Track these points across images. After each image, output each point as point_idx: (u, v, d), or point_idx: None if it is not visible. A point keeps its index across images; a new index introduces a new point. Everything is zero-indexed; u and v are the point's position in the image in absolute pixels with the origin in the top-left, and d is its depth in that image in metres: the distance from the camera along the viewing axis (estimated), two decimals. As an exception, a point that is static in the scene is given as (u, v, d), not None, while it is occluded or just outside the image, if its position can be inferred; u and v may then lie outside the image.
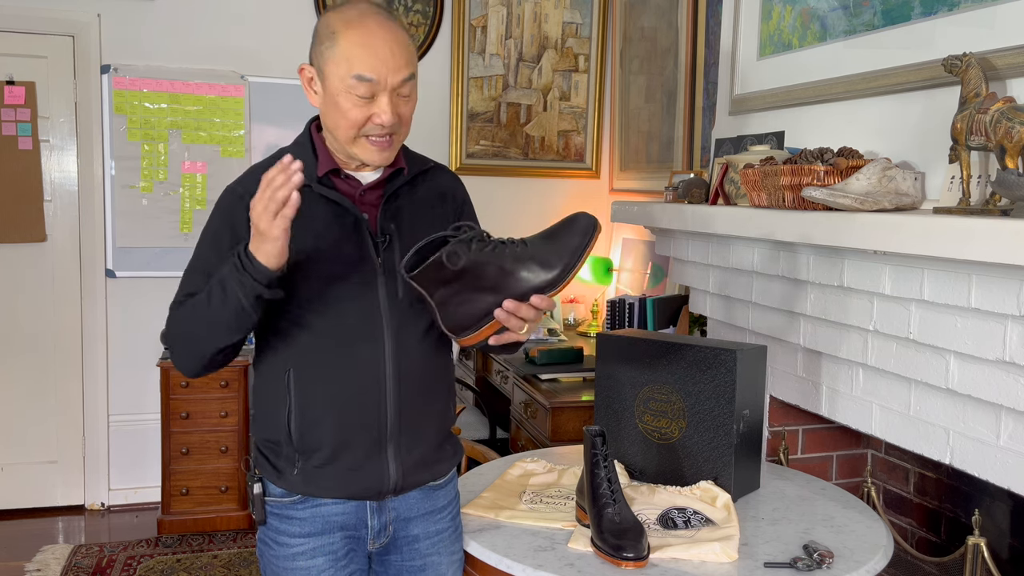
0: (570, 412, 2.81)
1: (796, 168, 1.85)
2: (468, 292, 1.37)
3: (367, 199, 1.51)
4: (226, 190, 1.52)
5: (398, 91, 1.43)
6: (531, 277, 1.36)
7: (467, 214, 1.66)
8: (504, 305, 1.37)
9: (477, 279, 1.37)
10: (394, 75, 1.41)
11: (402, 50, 1.41)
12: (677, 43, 3.72)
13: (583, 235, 1.36)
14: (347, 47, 1.39)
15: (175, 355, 1.50)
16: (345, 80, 1.40)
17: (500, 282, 1.36)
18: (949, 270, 1.61)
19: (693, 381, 1.86)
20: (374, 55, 1.39)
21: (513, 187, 4.47)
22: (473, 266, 1.36)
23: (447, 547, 1.61)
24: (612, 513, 1.57)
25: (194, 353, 1.46)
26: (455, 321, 1.40)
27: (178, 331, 1.47)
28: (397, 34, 1.42)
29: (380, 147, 1.45)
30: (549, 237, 1.38)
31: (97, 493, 4.06)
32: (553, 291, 1.37)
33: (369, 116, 1.41)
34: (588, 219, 1.38)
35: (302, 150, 1.51)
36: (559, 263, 1.36)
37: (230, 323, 1.38)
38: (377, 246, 1.48)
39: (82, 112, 3.91)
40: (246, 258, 1.33)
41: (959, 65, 1.61)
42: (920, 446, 1.76)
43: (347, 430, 1.47)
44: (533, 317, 1.39)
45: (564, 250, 1.36)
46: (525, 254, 1.36)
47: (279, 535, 1.51)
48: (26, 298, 3.94)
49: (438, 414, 1.58)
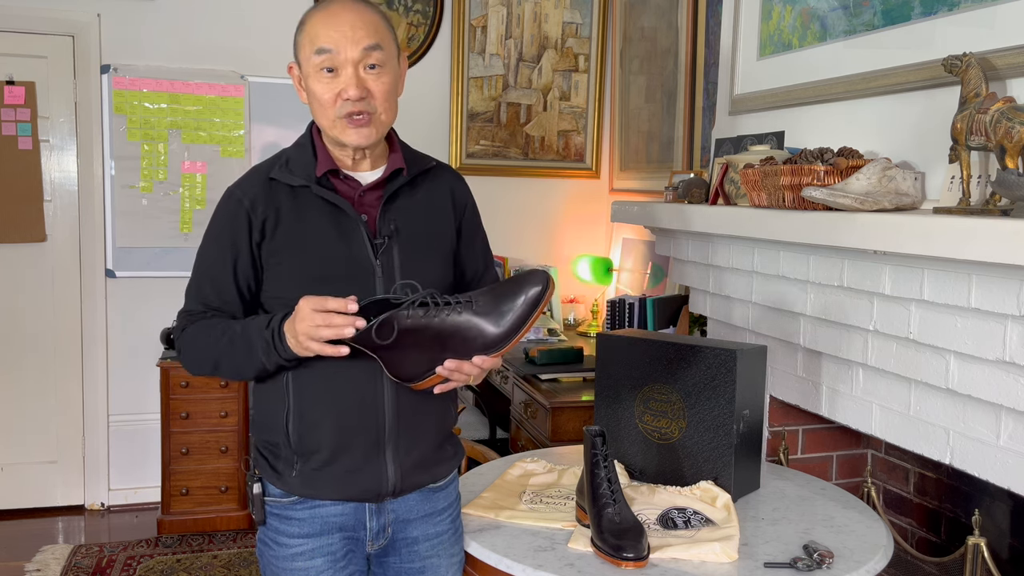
0: (570, 412, 2.81)
1: (796, 168, 1.85)
2: (410, 350, 1.39)
3: (366, 200, 1.50)
4: (226, 193, 1.51)
5: (363, 63, 1.43)
6: (475, 338, 1.38)
7: (469, 220, 1.65)
8: (445, 364, 1.39)
9: (419, 340, 1.38)
10: (353, 46, 1.41)
11: (364, 23, 1.43)
12: (677, 43, 3.72)
13: (531, 294, 1.37)
14: (310, 27, 1.44)
15: (182, 361, 1.54)
16: (311, 60, 1.43)
17: (441, 344, 1.38)
18: (949, 270, 1.61)
19: (693, 381, 1.86)
20: (332, 28, 1.41)
21: (513, 187, 4.47)
22: (410, 331, 1.37)
23: (447, 549, 1.61)
24: (612, 513, 1.57)
25: (203, 370, 1.52)
26: (399, 372, 1.43)
27: (191, 351, 1.51)
28: (361, 11, 1.44)
29: (357, 125, 1.44)
30: (497, 295, 1.39)
31: (97, 493, 4.06)
32: (498, 351, 1.39)
33: (338, 93, 1.42)
34: (539, 276, 1.38)
35: (302, 150, 1.52)
36: (504, 324, 1.37)
37: (244, 372, 1.47)
38: (375, 248, 1.48)
39: (82, 112, 3.91)
40: (279, 338, 1.39)
41: (959, 65, 1.61)
42: (920, 446, 1.76)
43: (345, 433, 1.47)
44: (477, 373, 1.42)
45: (509, 310, 1.37)
46: (470, 315, 1.37)
47: (278, 535, 1.51)
48: (26, 298, 3.94)
49: (437, 415, 1.58)
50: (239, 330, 1.44)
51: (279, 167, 1.49)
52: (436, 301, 1.38)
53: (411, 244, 1.51)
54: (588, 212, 4.56)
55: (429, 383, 1.44)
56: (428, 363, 1.41)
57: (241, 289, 1.49)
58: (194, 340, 1.49)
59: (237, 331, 1.44)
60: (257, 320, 1.44)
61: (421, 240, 1.53)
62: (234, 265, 1.48)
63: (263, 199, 1.47)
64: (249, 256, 1.47)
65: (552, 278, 1.39)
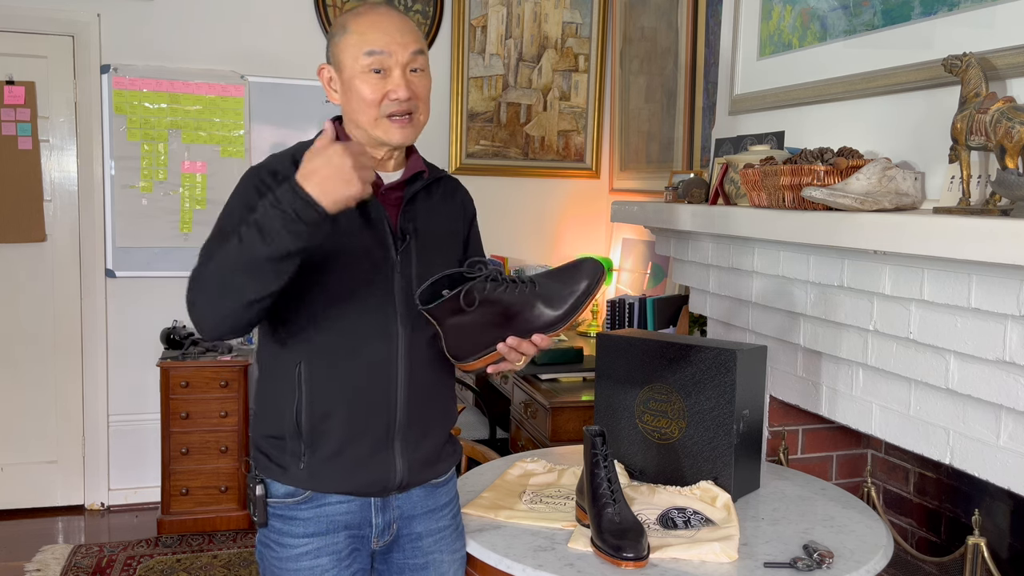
0: (570, 412, 2.81)
1: (796, 168, 1.85)
2: (476, 326, 1.46)
3: (387, 198, 1.54)
4: (251, 170, 1.49)
5: (410, 66, 1.48)
6: (536, 317, 1.45)
7: (474, 228, 1.72)
8: (507, 340, 1.45)
9: (486, 316, 1.45)
10: (403, 49, 1.47)
11: (409, 29, 1.50)
12: (677, 43, 3.72)
13: (589, 280, 1.46)
14: (358, 30, 1.47)
15: (201, 311, 1.36)
16: (359, 60, 1.46)
17: (506, 320, 1.45)
18: (949, 270, 1.61)
19: (693, 381, 1.86)
20: (383, 31, 1.46)
21: (513, 187, 4.47)
22: (484, 304, 1.44)
23: (449, 545, 1.62)
24: (612, 513, 1.57)
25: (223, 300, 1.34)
26: (459, 348, 1.48)
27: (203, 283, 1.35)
28: (403, 18, 1.51)
29: (401, 124, 1.49)
30: (556, 279, 1.47)
31: (97, 493, 4.06)
32: (555, 331, 1.46)
33: (385, 93, 1.46)
34: (596, 265, 1.47)
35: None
36: (563, 306, 1.45)
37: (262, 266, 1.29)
38: (396, 244, 1.51)
39: (82, 112, 3.91)
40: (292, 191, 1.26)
41: (959, 65, 1.61)
42: (920, 446, 1.76)
43: (356, 424, 1.48)
44: (533, 353, 1.48)
45: (569, 294, 1.45)
46: (533, 294, 1.45)
47: (281, 536, 1.50)
48: (26, 298, 3.94)
49: (443, 413, 1.61)
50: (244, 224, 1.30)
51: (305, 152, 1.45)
52: (505, 279, 1.46)
53: (427, 244, 1.55)
54: (588, 212, 4.56)
55: (484, 362, 1.49)
56: (492, 339, 1.46)
57: None
58: (204, 269, 1.36)
59: (243, 226, 1.30)
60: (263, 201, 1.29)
61: (436, 242, 1.57)
62: None
63: (290, 174, 1.34)
64: None
65: (604, 267, 1.48)
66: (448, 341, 1.47)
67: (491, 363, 1.49)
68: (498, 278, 1.45)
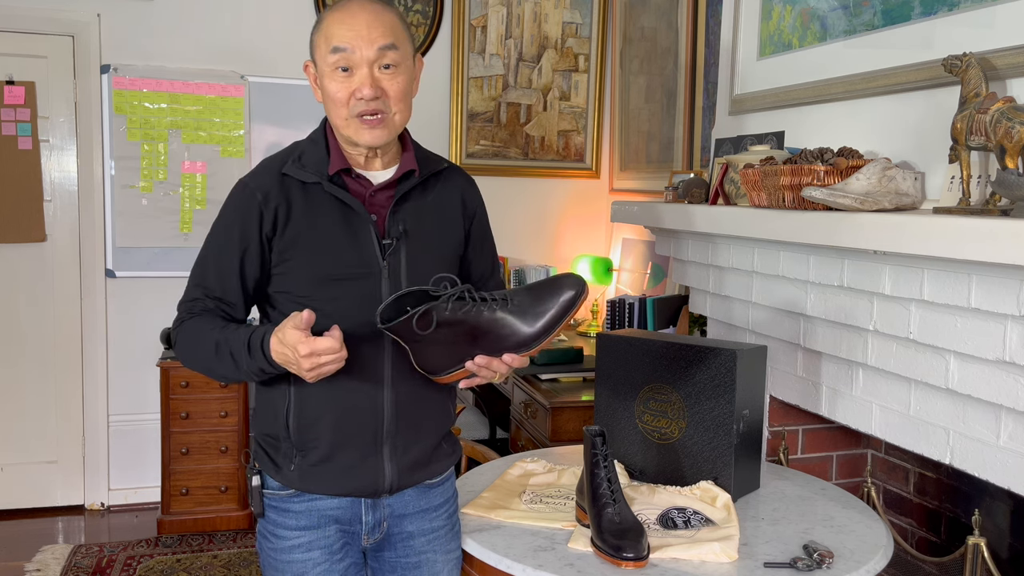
0: (570, 412, 2.81)
1: (796, 168, 1.85)
2: (441, 345, 1.40)
3: (377, 200, 1.51)
4: (239, 184, 1.51)
5: (378, 63, 1.43)
6: (508, 336, 1.39)
7: (478, 226, 1.65)
8: (476, 359, 1.40)
9: (451, 335, 1.39)
10: (368, 46, 1.42)
11: (380, 23, 1.43)
12: (677, 43, 3.72)
13: (567, 297, 1.38)
14: (326, 26, 1.44)
15: (177, 356, 1.54)
16: (326, 59, 1.43)
17: (474, 339, 1.39)
18: (949, 270, 1.61)
19: (693, 381, 1.86)
20: (348, 27, 1.42)
21: (513, 187, 4.47)
22: (446, 324, 1.38)
23: (443, 545, 1.61)
24: (612, 513, 1.57)
25: (194, 369, 1.52)
26: (427, 364, 1.44)
27: (184, 350, 1.51)
28: (378, 11, 1.44)
29: (370, 125, 1.44)
30: (534, 295, 1.40)
31: (97, 493, 4.06)
32: (528, 351, 1.40)
33: (352, 91, 1.43)
34: (576, 281, 1.39)
35: (315, 146, 1.52)
36: (537, 323, 1.38)
37: (230, 377, 1.46)
38: (383, 248, 1.48)
39: (82, 112, 3.91)
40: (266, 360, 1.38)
41: (959, 65, 1.61)
42: (920, 446, 1.76)
43: (344, 429, 1.48)
44: (506, 372, 1.43)
45: (544, 311, 1.38)
46: (505, 312, 1.38)
47: (276, 528, 1.52)
48: (26, 298, 3.94)
49: (436, 415, 1.59)
50: (223, 340, 1.43)
51: (292, 162, 1.49)
52: (473, 297, 1.39)
53: (419, 246, 1.51)
54: (588, 212, 4.56)
55: (455, 377, 1.45)
56: (458, 358, 1.41)
57: (246, 281, 1.49)
58: (187, 341, 1.49)
59: (222, 342, 1.43)
60: (239, 335, 1.42)
61: (429, 243, 1.53)
62: (242, 256, 1.47)
63: (276, 193, 1.46)
64: (259, 249, 1.47)
65: (586, 283, 1.41)
66: (416, 358, 1.43)
67: (463, 378, 1.45)
68: (464, 296, 1.39)
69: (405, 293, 1.40)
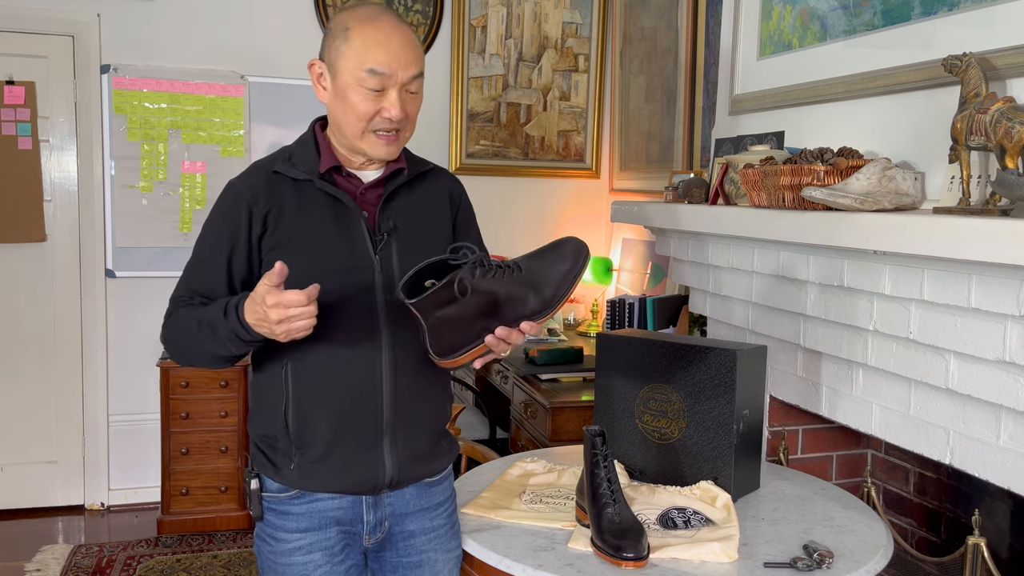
0: (570, 412, 2.81)
1: (796, 168, 1.85)
2: (462, 318, 1.38)
3: (367, 198, 1.54)
4: (228, 185, 1.53)
5: (407, 87, 1.47)
6: (524, 304, 1.37)
7: (463, 215, 1.68)
8: (496, 332, 1.39)
9: (474, 306, 1.37)
10: (404, 71, 1.45)
11: (412, 49, 1.47)
12: (677, 43, 3.72)
13: (574, 261, 1.38)
14: (361, 42, 1.44)
15: (169, 352, 1.55)
16: (357, 73, 1.44)
17: (495, 309, 1.37)
18: (949, 270, 1.61)
19: (693, 381, 1.86)
20: (387, 50, 1.44)
21: (513, 187, 4.47)
22: (474, 293, 1.35)
23: (443, 544, 1.62)
24: (612, 513, 1.57)
25: (185, 360, 1.53)
26: (444, 344, 1.41)
27: (171, 340, 1.52)
28: (408, 34, 1.48)
29: (387, 141, 1.49)
30: (541, 260, 1.38)
31: (97, 493, 4.06)
32: (544, 317, 1.39)
33: (378, 110, 1.46)
34: (578, 244, 1.40)
35: (305, 147, 1.55)
36: (550, 289, 1.37)
37: (213, 353, 1.45)
38: (375, 243, 1.50)
39: (82, 112, 3.91)
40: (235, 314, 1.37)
41: (959, 65, 1.61)
42: (920, 446, 1.76)
43: (343, 425, 1.49)
44: (520, 341, 1.43)
45: (555, 276, 1.38)
46: (520, 280, 1.36)
47: (276, 531, 1.52)
48: (26, 298, 3.94)
49: (434, 410, 1.60)
50: (203, 315, 1.44)
51: (282, 161, 1.52)
52: (492, 264, 1.37)
53: (408, 241, 1.54)
54: (588, 212, 4.56)
55: (469, 357, 1.42)
56: (479, 331, 1.38)
57: (233, 281, 1.50)
58: (173, 329, 1.51)
59: (202, 317, 1.44)
60: (217, 303, 1.42)
61: (418, 238, 1.55)
62: (229, 257, 1.49)
63: (266, 193, 1.49)
64: (246, 249, 1.49)
65: (586, 244, 1.41)
66: (431, 337, 1.40)
67: (477, 356, 1.42)
68: (484, 263, 1.37)
69: (423, 266, 1.38)
